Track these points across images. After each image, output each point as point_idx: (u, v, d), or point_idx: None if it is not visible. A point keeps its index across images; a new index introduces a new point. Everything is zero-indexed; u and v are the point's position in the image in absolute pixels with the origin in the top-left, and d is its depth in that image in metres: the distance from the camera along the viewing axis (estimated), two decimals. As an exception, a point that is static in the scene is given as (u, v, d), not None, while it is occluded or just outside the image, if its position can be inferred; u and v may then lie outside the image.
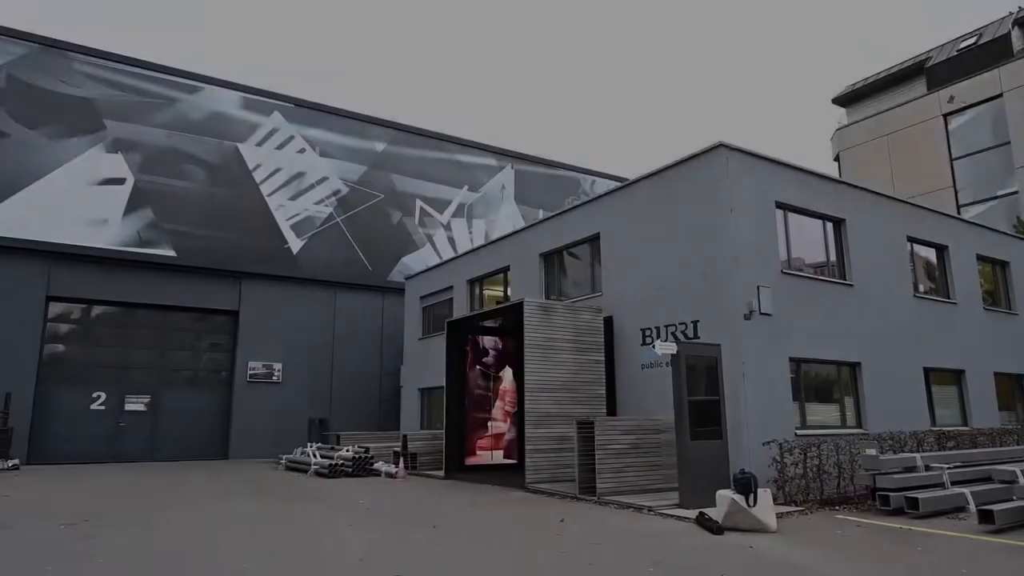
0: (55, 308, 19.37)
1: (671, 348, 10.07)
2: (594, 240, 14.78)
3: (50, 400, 18.71)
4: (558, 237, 15.85)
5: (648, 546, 7.26)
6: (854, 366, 12.75)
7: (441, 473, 14.91)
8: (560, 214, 16.19)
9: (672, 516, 9.02)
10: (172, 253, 20.41)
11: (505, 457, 15.53)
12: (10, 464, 16.02)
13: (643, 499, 10.17)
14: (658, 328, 12.56)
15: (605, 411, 13.17)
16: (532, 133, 76.04)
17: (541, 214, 26.39)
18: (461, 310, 18.66)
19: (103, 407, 19.43)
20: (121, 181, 19.97)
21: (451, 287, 19.76)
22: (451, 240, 25.74)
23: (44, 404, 18.56)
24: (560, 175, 29.66)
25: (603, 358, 13.47)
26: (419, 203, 25.32)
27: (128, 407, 19.77)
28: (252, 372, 21.21)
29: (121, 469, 17.24)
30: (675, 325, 12.19)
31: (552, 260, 16.24)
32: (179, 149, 21.06)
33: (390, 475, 15.11)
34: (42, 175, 18.92)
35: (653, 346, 10.43)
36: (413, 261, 24.34)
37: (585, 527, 8.47)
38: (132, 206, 20.01)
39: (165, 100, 21.12)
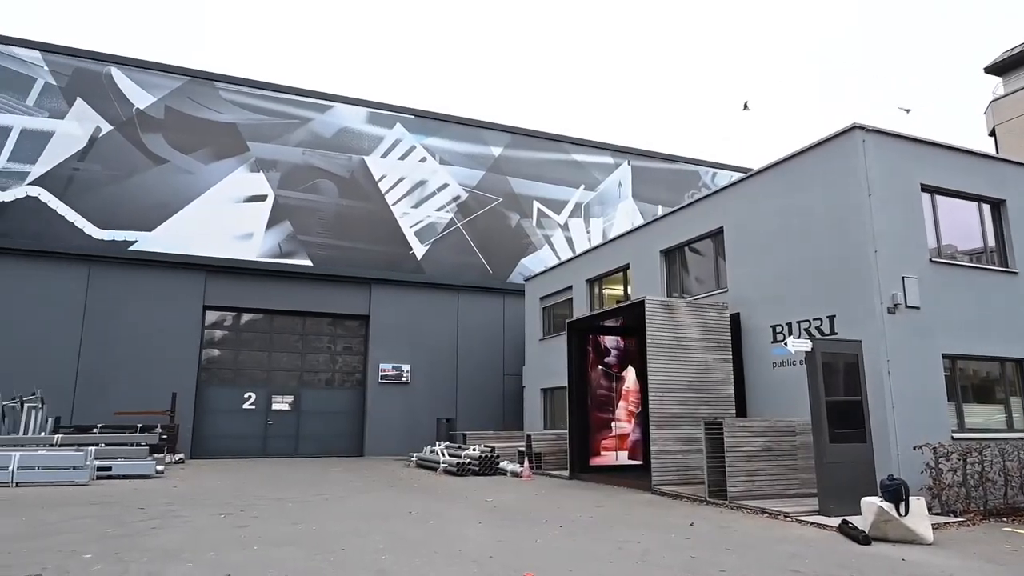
0: (210, 316, 21.28)
1: (805, 345, 9.51)
2: (717, 234, 14.26)
3: (208, 400, 20.59)
4: (679, 233, 15.44)
5: (785, 554, 6.90)
6: (1020, 362, 11.47)
7: (566, 473, 14.93)
8: (680, 209, 15.77)
9: (811, 523, 8.52)
10: (308, 262, 21.84)
11: (630, 458, 15.32)
12: (177, 458, 17.74)
13: (778, 504, 9.67)
14: (789, 324, 11.91)
15: (734, 412, 12.66)
16: (649, 128, 74.60)
17: (660, 210, 25.81)
18: (581, 310, 18.62)
19: (253, 406, 21.12)
20: (263, 198, 21.63)
21: (570, 287, 19.76)
22: (569, 240, 25.76)
23: (203, 403, 20.43)
24: (679, 169, 28.88)
25: (730, 356, 12.97)
26: (536, 204, 25.54)
27: (275, 406, 21.37)
28: (383, 374, 22.26)
29: (270, 463, 18.65)
30: (808, 321, 11.52)
31: (673, 256, 15.84)
32: (312, 165, 22.51)
33: (516, 474, 15.32)
34: (197, 196, 20.85)
35: (785, 343, 9.90)
36: (532, 262, 24.58)
37: (716, 532, 8.18)
38: (273, 220, 21.61)
39: (299, 120, 22.64)
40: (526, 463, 15.47)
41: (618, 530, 8.32)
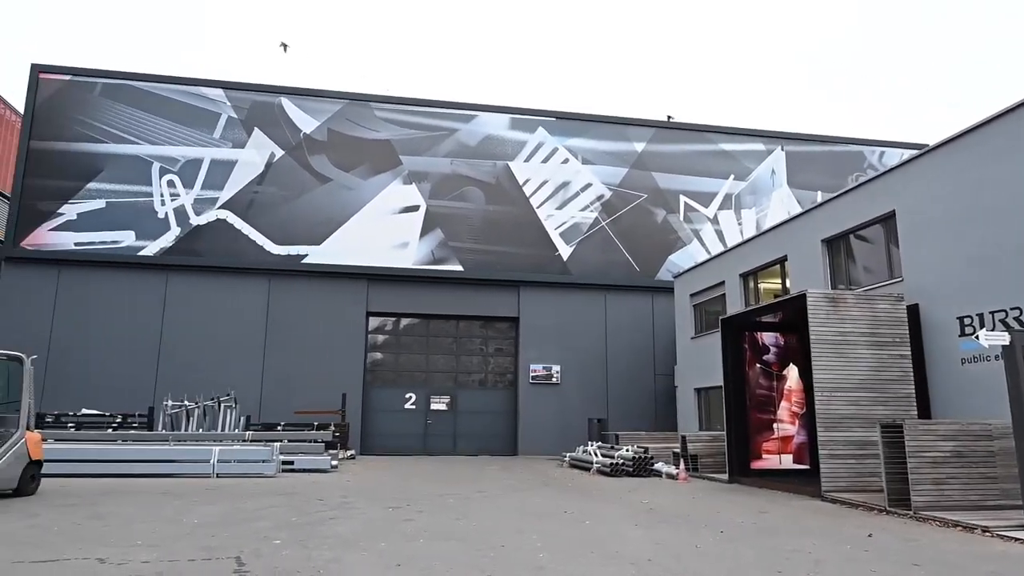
0: (373, 321, 22.76)
1: (1002, 339, 8.42)
2: (888, 219, 13.05)
3: (374, 400, 22.04)
4: (843, 219, 14.31)
5: (986, 573, 6.15)
6: None
7: (724, 476, 14.34)
8: (844, 194, 14.61)
9: (1017, 540, 7.54)
10: (459, 268, 22.71)
11: (795, 462, 14.40)
12: (348, 454, 19.13)
13: (974, 517, 8.65)
14: (981, 315, 10.64)
15: (915, 413, 11.51)
16: (802, 110, 69.83)
17: (820, 196, 24.09)
18: (735, 306, 17.80)
19: (414, 406, 22.31)
20: (416, 208, 22.81)
21: (722, 282, 18.97)
22: (719, 234, 24.74)
23: (369, 404, 21.90)
24: (840, 151, 26.77)
25: (908, 352, 11.80)
26: (683, 199, 24.79)
27: (433, 406, 22.44)
28: (533, 374, 22.62)
29: (430, 461, 19.60)
30: (1004, 311, 10.21)
31: (837, 245, 14.71)
32: (460, 174, 23.40)
33: (671, 476, 14.95)
34: (357, 210, 22.41)
35: (976, 337, 8.84)
36: (680, 259, 23.89)
37: (899, 545, 7.47)
38: (426, 229, 22.72)
39: (446, 131, 23.63)
40: (681, 465, 15.04)
41: (785, 538, 7.85)
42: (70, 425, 17.20)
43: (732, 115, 75.66)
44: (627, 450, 16.01)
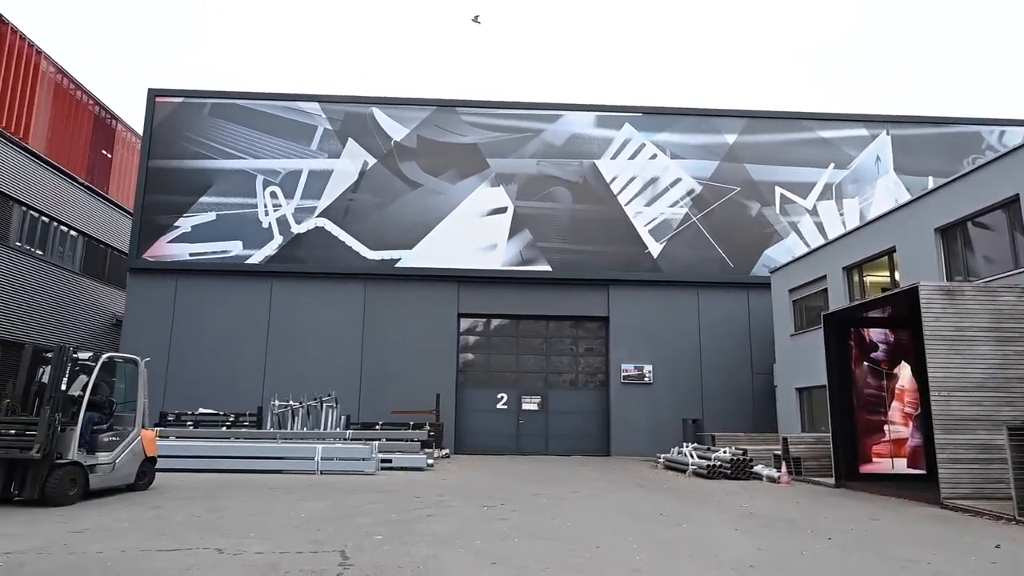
0: (464, 323, 23.15)
1: None
2: (1012, 203, 12.04)
3: (466, 400, 22.41)
4: (959, 206, 13.31)
5: None
6: None
7: (830, 480, 13.64)
8: (959, 178, 13.59)
9: None
10: (548, 268, 22.74)
11: (910, 466, 13.52)
12: (443, 453, 19.54)
13: (1122, 529, 7.83)
14: (1125, 307, 9.61)
15: (1049, 414, 10.53)
16: (910, 89, 65.53)
17: (931, 182, 22.54)
18: (838, 301, 16.91)
19: (506, 406, 22.52)
20: (504, 210, 23.02)
21: (823, 276, 18.07)
22: (819, 225, 23.58)
23: (462, 404, 22.28)
24: (954, 132, 24.90)
25: (1039, 348, 10.82)
26: (779, 190, 23.79)
27: (524, 406, 22.57)
28: (625, 374, 22.33)
29: (523, 460, 19.71)
30: None
31: (952, 234, 13.70)
32: (546, 174, 23.43)
33: (772, 479, 14.38)
34: (447, 214, 22.87)
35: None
36: (777, 253, 22.94)
37: (1033, 557, 6.86)
38: (514, 230, 22.89)
39: (532, 132, 23.72)
40: (783, 468, 14.43)
41: (900, 547, 7.38)
42: (189, 423, 18.47)
43: (827, 101, 72.06)
44: (724, 452, 15.52)
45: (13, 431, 9.03)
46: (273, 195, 22.88)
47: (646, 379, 22.33)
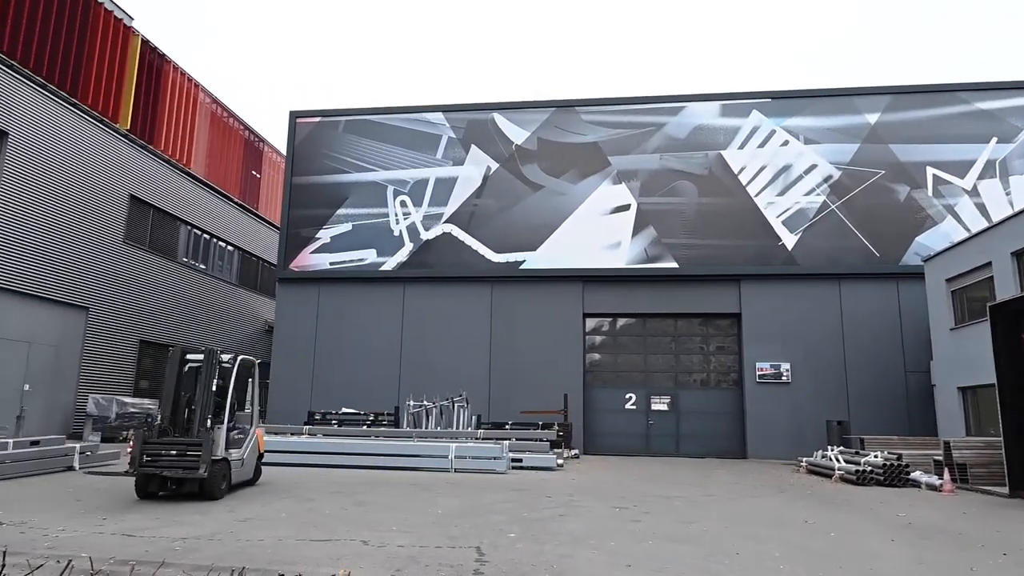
0: (590, 323, 23.05)
1: None
2: None
3: (594, 400, 22.28)
4: None
5: None
6: None
7: (1003, 489, 12.28)
8: None
9: None
10: (674, 265, 22.14)
11: (1103, 475, 11.89)
12: (572, 453, 19.54)
13: None
14: None
15: None
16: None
17: (1120, 152, 19.73)
18: (1006, 289, 15.19)
19: (634, 407, 22.16)
20: (627, 207, 22.69)
21: (988, 263, 16.31)
22: (980, 207, 21.31)
23: (590, 404, 22.18)
24: None
25: None
26: (930, 171, 21.75)
27: (654, 407, 22.10)
28: (760, 373, 21.29)
29: (653, 462, 19.32)
30: None
31: None
32: (670, 168, 22.84)
33: (932, 487, 13.17)
34: (569, 214, 22.88)
35: None
36: (930, 240, 20.98)
37: None
38: (637, 228, 22.50)
39: (654, 127, 23.21)
40: (946, 475, 13.17)
41: (1095, 567, 6.50)
42: (333, 422, 19.71)
43: (978, 70, 65.50)
44: (876, 456, 14.40)
45: (175, 451, 9.41)
46: (403, 204, 23.92)
47: (784, 378, 21.17)
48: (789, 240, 21.84)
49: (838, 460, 15.40)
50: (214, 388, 10.08)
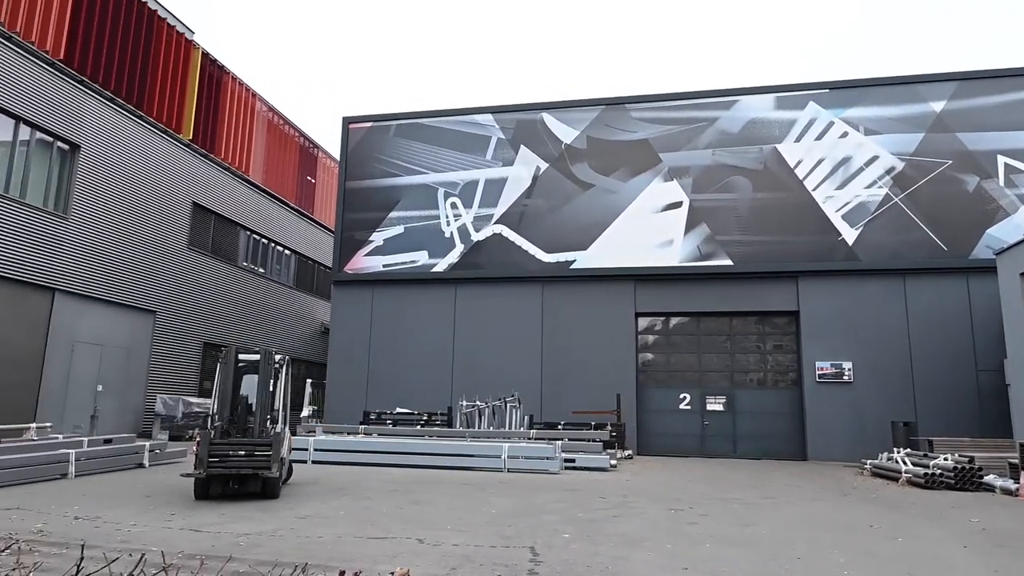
0: (642, 322, 22.78)
1: None
2: None
3: (647, 400, 22.02)
4: None
5: None
6: None
7: (1087, 495, 11.60)
8: None
9: None
10: (729, 262, 21.69)
11: None
12: (626, 454, 19.35)
13: None
14: None
15: None
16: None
17: None
18: (1088, 284, 14.34)
19: (689, 407, 21.80)
20: (679, 205, 22.35)
21: (1067, 256, 15.43)
22: (1057, 197, 20.19)
23: (643, 404, 21.93)
24: None
25: None
26: (1002, 159, 20.71)
27: (709, 407, 21.70)
28: (820, 372, 20.66)
29: (709, 463, 18.97)
30: None
31: None
32: (722, 164, 22.38)
33: (1008, 492, 12.55)
34: (619, 212, 22.67)
35: None
36: (1002, 232, 19.97)
37: None
38: (690, 225, 22.13)
39: (706, 122, 22.80)
40: (1022, 478, 12.52)
41: None
42: (388, 422, 20.03)
43: None
44: (945, 459, 13.80)
45: (243, 452, 9.45)
46: (453, 206, 24.13)
47: (845, 377, 20.49)
48: (850, 235, 21.13)
49: (905, 462, 14.82)
50: (269, 388, 10.25)
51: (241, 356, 10.47)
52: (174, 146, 23.04)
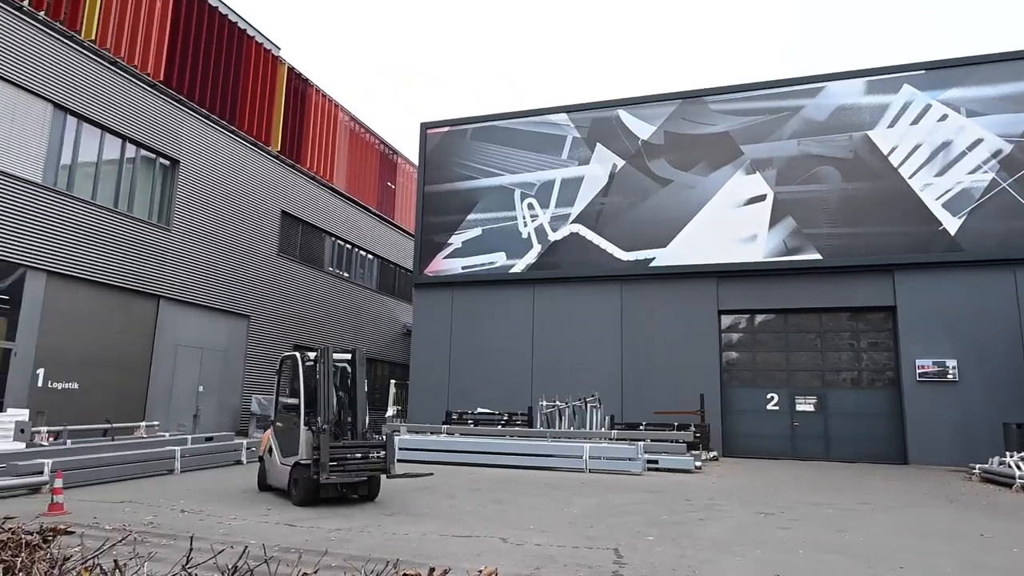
0: (725, 320, 22.14)
1: None
2: None
3: (732, 401, 21.37)
4: None
5: None
6: None
7: None
8: None
9: None
10: (817, 256, 20.77)
11: None
12: (711, 455, 18.85)
13: None
14: None
15: None
16: None
17: None
18: None
19: (777, 407, 21.01)
20: (762, 198, 21.59)
21: None
22: None
23: (728, 404, 21.30)
24: None
25: None
26: None
27: (798, 407, 20.84)
28: (921, 371, 19.48)
29: (799, 466, 18.22)
30: None
31: None
32: (809, 154, 21.46)
33: None
34: (700, 208, 22.12)
35: None
36: None
37: None
38: (775, 219, 21.33)
39: (790, 111, 21.93)
40: None
41: None
42: (469, 422, 20.31)
43: None
44: (1066, 464, 12.72)
45: (359, 454, 9.21)
46: (530, 206, 24.20)
47: (950, 376, 19.22)
48: (951, 224, 19.82)
49: (1019, 467, 13.77)
50: (364, 387, 10.11)
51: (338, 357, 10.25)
52: (264, 158, 24.18)
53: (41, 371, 16.08)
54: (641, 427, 18.72)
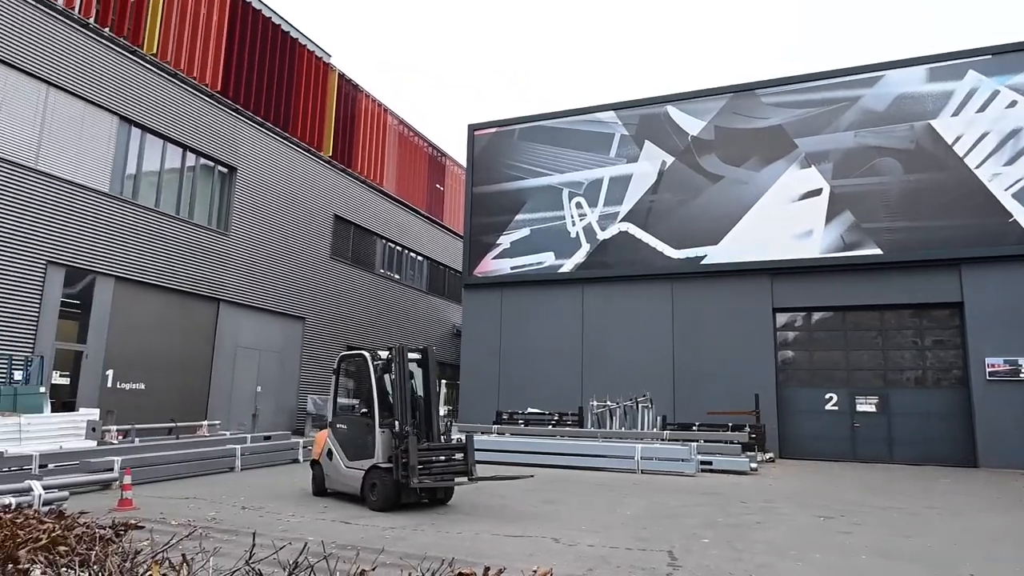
0: (780, 318, 21.59)
1: None
2: None
3: (789, 401, 20.83)
4: None
5: None
6: None
7: None
8: None
9: None
10: (878, 251, 20.07)
11: None
12: (767, 456, 18.42)
13: None
14: None
15: None
16: None
17: None
18: None
19: (836, 407, 20.38)
20: (818, 192, 20.98)
21: None
22: None
23: (784, 404, 20.77)
24: None
25: None
26: None
27: (859, 408, 20.16)
28: (991, 370, 18.61)
29: (860, 468, 17.63)
30: None
31: None
32: (867, 146, 20.75)
33: None
34: (752, 204, 21.64)
35: None
36: None
37: None
38: (831, 213, 20.70)
39: (846, 101, 21.25)
40: None
41: None
42: (520, 422, 20.34)
43: None
44: None
45: (443, 457, 9.04)
46: (578, 205, 24.09)
47: (1023, 375, 18.32)
48: (1022, 215, 18.89)
49: (1101, 472, 13.02)
50: (436, 387, 9.73)
51: (380, 354, 9.93)
52: (316, 163, 24.74)
53: (110, 372, 16.85)
54: (694, 427, 18.42)
